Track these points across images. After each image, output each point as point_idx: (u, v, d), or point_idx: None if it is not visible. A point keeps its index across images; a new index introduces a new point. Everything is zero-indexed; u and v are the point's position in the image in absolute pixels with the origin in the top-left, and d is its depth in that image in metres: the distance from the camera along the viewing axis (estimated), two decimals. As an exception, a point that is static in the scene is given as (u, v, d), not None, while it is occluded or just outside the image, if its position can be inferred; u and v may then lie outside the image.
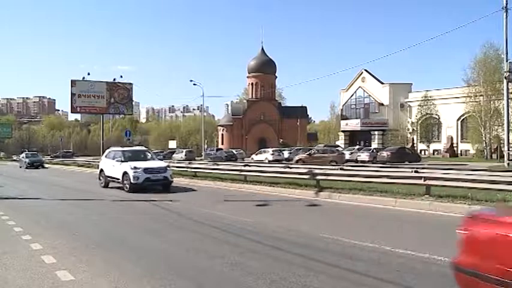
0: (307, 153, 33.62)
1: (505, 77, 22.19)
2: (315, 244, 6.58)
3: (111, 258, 5.89)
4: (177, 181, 20.10)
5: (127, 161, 15.73)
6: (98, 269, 5.26)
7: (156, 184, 15.48)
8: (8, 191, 16.31)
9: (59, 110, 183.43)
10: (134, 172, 15.01)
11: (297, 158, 32.81)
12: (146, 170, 15.21)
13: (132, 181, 15.00)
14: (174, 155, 46.80)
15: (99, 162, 20.81)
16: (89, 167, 34.90)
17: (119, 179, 15.84)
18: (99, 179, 17.71)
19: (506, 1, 21.34)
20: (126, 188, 15.17)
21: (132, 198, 13.50)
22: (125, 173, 15.30)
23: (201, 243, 6.78)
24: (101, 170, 17.72)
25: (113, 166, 16.42)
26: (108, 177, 16.84)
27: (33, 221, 9.19)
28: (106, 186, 16.91)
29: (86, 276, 4.98)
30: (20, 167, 38.49)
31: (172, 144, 71.51)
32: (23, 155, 41.39)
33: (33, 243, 6.70)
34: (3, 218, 9.46)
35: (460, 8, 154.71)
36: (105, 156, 17.87)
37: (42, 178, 24.01)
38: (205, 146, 57.11)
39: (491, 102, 38.70)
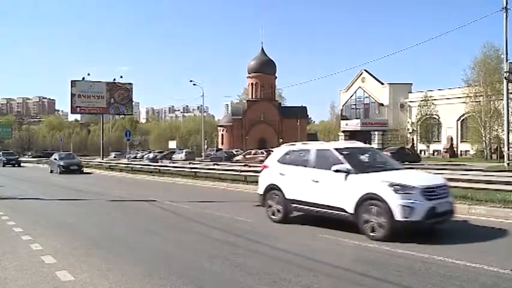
0: (243, 154, 40.36)
1: (505, 77, 22.17)
2: (315, 244, 6.59)
3: (111, 258, 5.89)
4: (177, 181, 20.12)
5: (364, 172, 7.52)
6: (98, 269, 5.26)
7: (442, 221, 7.38)
8: (8, 191, 16.30)
9: (59, 110, 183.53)
10: (404, 197, 6.72)
11: (236, 158, 39.46)
12: (427, 193, 6.88)
13: (399, 216, 6.63)
14: (173, 156, 46.92)
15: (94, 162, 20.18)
16: (87, 167, 34.97)
17: (339, 210, 7.45)
18: (266, 204, 8.99)
19: (506, 1, 21.34)
20: (380, 230, 6.79)
21: (131, 199, 13.51)
22: (371, 199, 6.97)
23: (201, 244, 6.79)
24: (272, 188, 8.86)
25: (313, 182, 7.91)
26: (298, 202, 8.26)
27: (33, 221, 9.18)
28: (284, 219, 8.48)
29: (86, 276, 4.98)
30: (51, 171, 29.55)
31: (172, 144, 71.51)
32: (56, 156, 32.04)
33: (33, 243, 6.70)
34: (3, 218, 9.45)
35: (460, 8, 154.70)
36: (281, 161, 8.98)
37: (41, 178, 24.00)
38: (205, 147, 57.16)
39: (491, 102, 38.70)
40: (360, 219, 7.09)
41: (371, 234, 6.91)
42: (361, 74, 56.59)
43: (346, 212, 7.35)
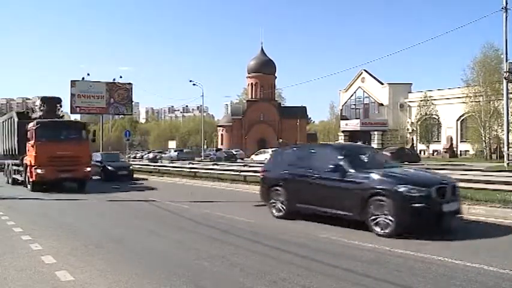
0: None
1: (505, 77, 22.19)
2: (314, 244, 6.59)
3: (111, 258, 5.89)
4: (177, 181, 20.14)
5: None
6: (97, 269, 5.26)
7: None
8: (8, 191, 16.29)
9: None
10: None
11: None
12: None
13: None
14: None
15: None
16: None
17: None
18: None
19: (506, 1, 21.36)
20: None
21: (131, 199, 13.50)
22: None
23: (201, 244, 6.78)
24: None
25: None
26: None
27: (33, 221, 9.18)
28: None
29: (86, 276, 4.97)
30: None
31: (172, 144, 71.46)
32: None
33: (33, 243, 6.70)
34: (3, 218, 9.45)
35: (460, 8, 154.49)
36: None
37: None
38: (205, 147, 57.16)
39: (491, 102, 38.71)
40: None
41: None
42: (360, 74, 56.59)
43: None
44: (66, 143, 15.44)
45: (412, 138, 50.66)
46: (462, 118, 45.93)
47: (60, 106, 18.58)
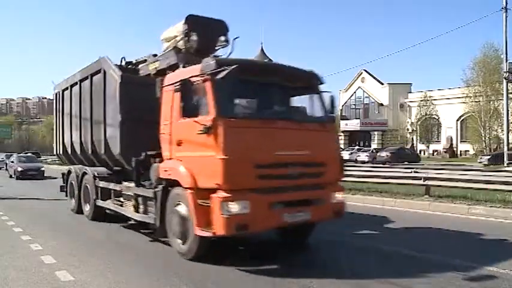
0: None
1: (505, 77, 22.23)
2: (314, 244, 6.58)
3: (111, 258, 5.88)
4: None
5: None
6: (97, 269, 5.26)
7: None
8: (8, 191, 16.29)
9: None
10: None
11: None
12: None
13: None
14: None
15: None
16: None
17: None
18: None
19: (506, 1, 21.40)
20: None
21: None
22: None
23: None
24: None
25: None
26: None
27: (33, 221, 9.18)
28: None
29: (86, 276, 4.97)
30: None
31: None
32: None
33: (33, 243, 6.69)
34: (3, 218, 9.44)
35: (460, 8, 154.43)
36: None
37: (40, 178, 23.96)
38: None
39: (491, 102, 38.72)
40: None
41: None
42: (360, 74, 56.56)
43: None
44: (296, 125, 6.27)
45: (412, 138, 50.61)
46: (462, 118, 45.90)
47: (227, 42, 7.42)
